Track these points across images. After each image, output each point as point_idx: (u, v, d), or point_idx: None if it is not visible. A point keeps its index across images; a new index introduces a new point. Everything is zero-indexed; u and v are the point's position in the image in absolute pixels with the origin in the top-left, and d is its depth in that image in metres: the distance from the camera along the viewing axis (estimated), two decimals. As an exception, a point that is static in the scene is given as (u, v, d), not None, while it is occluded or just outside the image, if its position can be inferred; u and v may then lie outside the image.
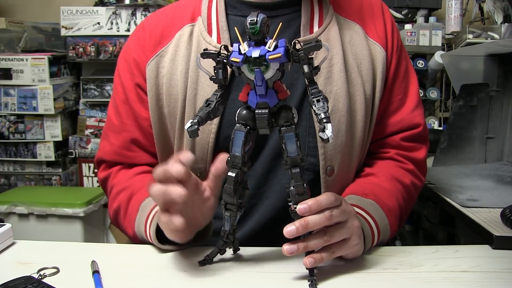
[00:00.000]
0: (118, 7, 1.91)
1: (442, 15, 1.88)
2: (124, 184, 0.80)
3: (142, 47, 0.81)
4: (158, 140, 0.81)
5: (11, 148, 2.01)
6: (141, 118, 0.81)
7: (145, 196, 0.74)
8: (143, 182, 0.78)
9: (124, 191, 0.79)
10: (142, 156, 0.83)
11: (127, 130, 0.82)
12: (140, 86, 0.81)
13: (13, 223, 0.88)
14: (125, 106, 0.83)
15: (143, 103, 0.81)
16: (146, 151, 0.83)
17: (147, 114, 0.81)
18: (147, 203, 0.74)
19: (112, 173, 0.85)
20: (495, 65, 1.37)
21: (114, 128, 0.84)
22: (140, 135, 0.82)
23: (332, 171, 0.77)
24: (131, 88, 0.82)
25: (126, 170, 0.84)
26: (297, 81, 0.77)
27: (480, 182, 1.14)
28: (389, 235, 0.75)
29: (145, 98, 0.81)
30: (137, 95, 0.81)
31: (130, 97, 0.82)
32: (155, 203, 0.71)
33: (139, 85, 0.81)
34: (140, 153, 0.83)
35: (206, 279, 0.63)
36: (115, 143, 0.84)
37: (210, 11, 0.80)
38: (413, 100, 0.84)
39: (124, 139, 0.83)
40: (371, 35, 0.81)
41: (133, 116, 0.82)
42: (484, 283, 0.61)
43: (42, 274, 0.63)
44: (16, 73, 1.90)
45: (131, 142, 0.83)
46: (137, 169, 0.83)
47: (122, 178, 0.82)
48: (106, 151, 0.85)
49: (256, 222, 0.78)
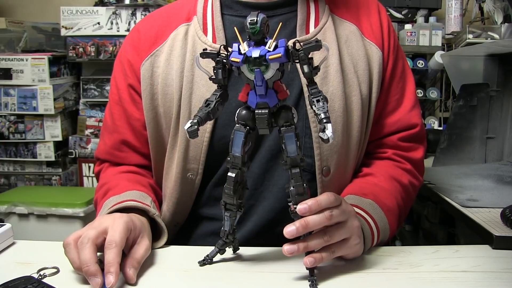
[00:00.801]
0: (118, 7, 1.91)
1: (442, 15, 1.89)
2: (105, 180, 0.83)
3: (136, 48, 0.81)
4: (152, 141, 0.81)
5: (11, 148, 2.01)
6: (133, 119, 0.82)
7: (116, 194, 0.75)
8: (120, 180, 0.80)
9: (103, 186, 0.81)
10: (131, 157, 0.85)
11: (118, 131, 0.84)
12: (133, 87, 0.82)
13: (13, 223, 0.89)
14: (118, 107, 0.84)
15: (136, 104, 0.82)
16: (137, 152, 0.85)
17: (139, 115, 0.81)
18: (110, 200, 0.74)
19: (103, 168, 0.88)
20: (495, 65, 1.37)
21: (108, 129, 0.86)
22: (131, 136, 0.83)
23: (328, 172, 0.77)
24: (124, 89, 0.82)
25: (113, 167, 0.86)
26: (293, 82, 0.77)
27: (480, 182, 1.14)
28: (388, 235, 0.75)
29: (137, 99, 0.82)
30: (130, 96, 0.82)
31: (123, 98, 0.83)
32: (120, 200, 0.72)
33: (132, 86, 0.82)
34: (130, 153, 0.85)
35: (206, 279, 0.63)
36: (107, 143, 0.86)
37: (205, 10, 0.80)
38: (410, 100, 0.85)
39: (115, 140, 0.84)
40: (367, 35, 0.81)
41: (125, 117, 0.83)
42: (484, 283, 0.61)
43: (42, 274, 0.63)
44: (16, 73, 1.90)
45: (121, 143, 0.84)
46: (123, 168, 0.85)
47: (107, 174, 0.85)
48: (100, 150, 0.88)
49: (254, 223, 0.78)
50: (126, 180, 0.80)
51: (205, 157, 0.77)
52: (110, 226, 0.62)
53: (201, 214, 0.82)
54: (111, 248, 0.59)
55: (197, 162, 0.77)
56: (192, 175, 0.78)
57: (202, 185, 0.80)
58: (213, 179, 0.79)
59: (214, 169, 0.79)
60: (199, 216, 0.82)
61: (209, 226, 0.81)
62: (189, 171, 0.78)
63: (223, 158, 0.64)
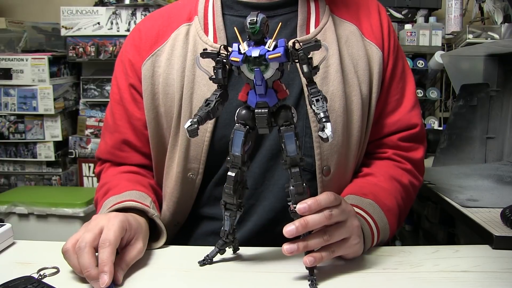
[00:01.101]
0: (118, 7, 1.91)
1: (442, 15, 1.89)
2: (106, 180, 0.83)
3: (137, 48, 0.81)
4: (153, 140, 0.81)
5: (11, 148, 2.01)
6: (134, 119, 0.82)
7: (116, 194, 0.75)
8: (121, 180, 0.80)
9: (103, 186, 0.81)
10: (133, 157, 0.85)
11: (119, 131, 0.84)
12: (134, 87, 0.82)
13: (13, 223, 0.89)
14: (119, 107, 0.84)
15: (137, 104, 0.82)
16: (138, 152, 0.85)
17: (140, 114, 0.81)
18: (110, 200, 0.74)
19: (104, 168, 0.87)
20: (495, 65, 1.37)
21: (109, 128, 0.86)
22: (132, 136, 0.83)
23: (328, 171, 0.77)
24: (125, 89, 0.82)
25: (114, 167, 0.86)
26: (294, 81, 0.77)
27: (480, 182, 1.14)
28: (388, 235, 0.75)
29: (138, 99, 0.82)
30: (131, 95, 0.82)
31: (124, 97, 0.83)
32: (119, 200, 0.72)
33: (133, 86, 0.82)
34: (131, 153, 0.85)
35: (206, 279, 0.63)
36: (108, 143, 0.86)
37: (206, 11, 0.80)
38: (410, 100, 0.85)
39: (116, 140, 0.84)
40: (368, 35, 0.81)
41: (126, 117, 0.83)
42: (484, 283, 0.61)
43: (42, 274, 0.63)
44: (16, 73, 1.90)
45: (122, 143, 0.84)
46: (124, 168, 0.85)
47: (108, 174, 0.85)
48: (101, 149, 0.88)
49: (254, 223, 0.78)
50: (127, 180, 0.80)
51: (205, 156, 0.77)
52: (105, 225, 0.63)
53: (202, 213, 0.82)
54: (104, 247, 0.60)
55: (197, 162, 0.77)
56: (192, 174, 0.78)
57: (203, 185, 0.80)
58: (214, 179, 0.79)
59: (214, 169, 0.79)
60: (200, 216, 0.82)
61: (210, 226, 0.81)
62: (189, 171, 0.78)
63: (224, 157, 0.64)
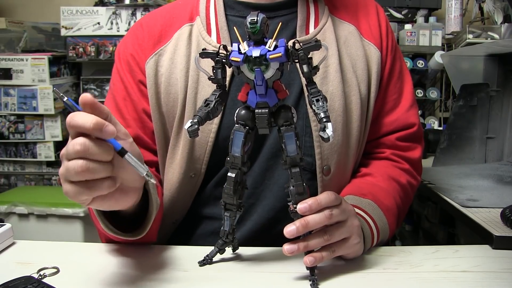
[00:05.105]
0: (118, 7, 1.92)
1: (442, 15, 1.89)
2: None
3: (140, 45, 0.81)
4: (159, 138, 0.81)
5: (11, 148, 2.01)
6: (144, 113, 0.80)
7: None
8: None
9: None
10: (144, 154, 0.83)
11: (130, 126, 0.81)
12: (142, 83, 0.80)
13: (13, 223, 0.89)
14: (127, 103, 0.81)
15: (146, 99, 0.80)
16: (148, 149, 0.82)
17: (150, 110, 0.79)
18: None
19: None
20: (495, 65, 1.37)
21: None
22: (142, 132, 0.81)
23: (328, 171, 0.77)
24: (132, 85, 0.81)
25: None
26: (294, 81, 0.77)
27: (480, 182, 1.14)
28: (388, 235, 0.75)
29: (147, 94, 0.80)
30: (140, 91, 0.80)
31: (132, 93, 0.81)
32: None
33: (141, 82, 0.80)
34: (141, 150, 0.82)
35: (206, 279, 0.63)
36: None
37: (208, 11, 0.80)
38: (408, 100, 0.85)
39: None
40: (366, 35, 0.82)
41: (135, 112, 0.81)
42: (484, 283, 0.61)
43: (42, 274, 0.63)
44: (16, 73, 1.91)
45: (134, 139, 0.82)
46: None
47: None
48: None
49: (254, 222, 0.78)
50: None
51: (209, 157, 0.76)
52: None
53: (202, 213, 0.82)
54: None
55: (200, 162, 0.77)
56: (194, 174, 0.78)
57: (203, 185, 0.80)
58: (215, 179, 0.79)
59: (216, 169, 0.78)
60: (200, 216, 0.82)
61: (210, 226, 0.81)
62: (192, 171, 0.78)
63: (226, 158, 0.64)
